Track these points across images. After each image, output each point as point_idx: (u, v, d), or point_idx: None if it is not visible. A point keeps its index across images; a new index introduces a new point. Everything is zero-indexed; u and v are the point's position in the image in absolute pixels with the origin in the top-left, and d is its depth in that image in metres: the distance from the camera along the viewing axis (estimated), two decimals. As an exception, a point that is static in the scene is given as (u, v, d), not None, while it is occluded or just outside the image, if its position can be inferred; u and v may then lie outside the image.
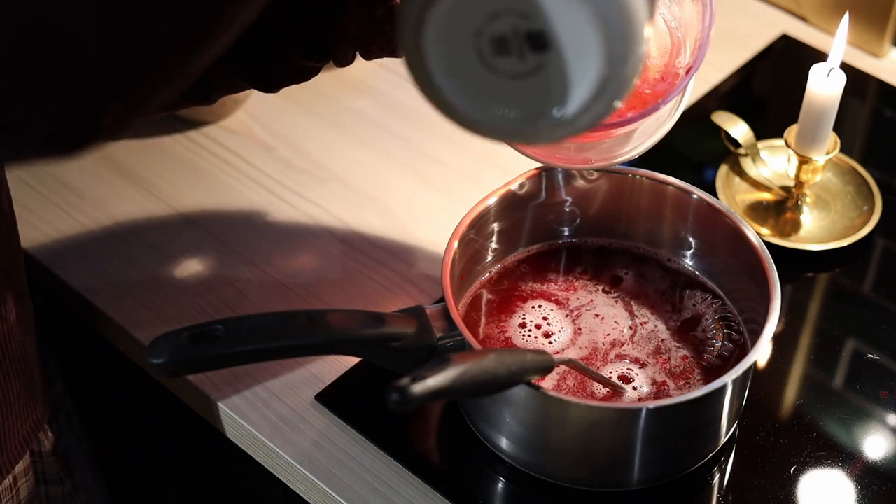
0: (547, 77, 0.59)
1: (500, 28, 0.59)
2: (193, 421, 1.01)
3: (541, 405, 0.85)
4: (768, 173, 1.11)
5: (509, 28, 0.58)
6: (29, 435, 0.92)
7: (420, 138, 1.18)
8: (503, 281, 0.96)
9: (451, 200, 1.11)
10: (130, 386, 1.15)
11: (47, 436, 0.98)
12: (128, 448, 1.27)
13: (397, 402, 0.75)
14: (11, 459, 0.90)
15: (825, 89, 1.03)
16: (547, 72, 0.59)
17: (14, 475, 0.92)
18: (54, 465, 0.99)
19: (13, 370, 0.89)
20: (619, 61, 0.58)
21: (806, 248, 1.07)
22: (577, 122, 0.60)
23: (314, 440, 0.93)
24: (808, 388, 0.97)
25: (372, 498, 0.89)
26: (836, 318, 1.03)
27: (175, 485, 1.24)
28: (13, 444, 0.90)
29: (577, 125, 0.61)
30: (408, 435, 0.93)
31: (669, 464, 0.89)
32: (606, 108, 0.60)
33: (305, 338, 0.82)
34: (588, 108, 0.60)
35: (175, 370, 0.83)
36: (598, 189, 0.98)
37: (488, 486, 0.90)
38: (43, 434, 0.97)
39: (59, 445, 1.00)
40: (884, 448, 0.93)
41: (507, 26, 0.58)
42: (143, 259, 1.06)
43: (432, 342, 0.85)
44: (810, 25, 1.32)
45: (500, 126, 0.62)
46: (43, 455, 0.98)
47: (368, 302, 1.02)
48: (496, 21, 0.58)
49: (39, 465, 0.97)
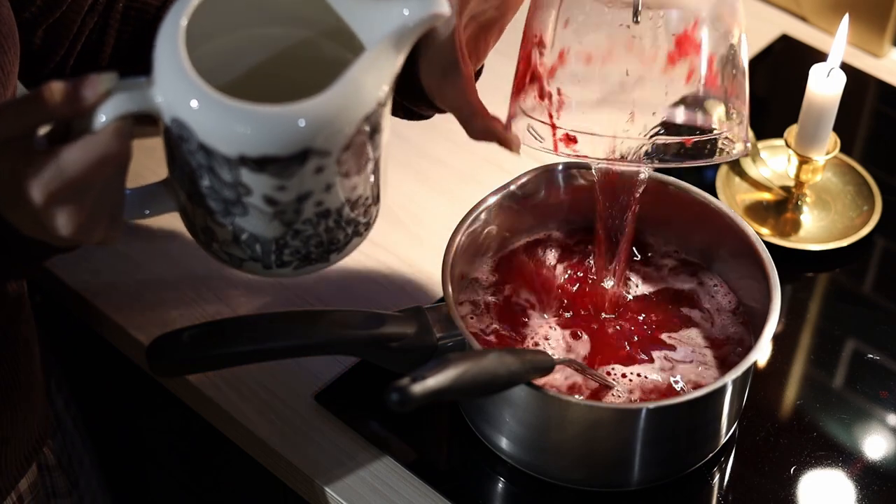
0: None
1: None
2: (193, 421, 1.01)
3: (541, 405, 0.85)
4: (768, 173, 1.11)
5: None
6: (31, 453, 0.92)
7: (420, 138, 1.18)
8: (503, 280, 0.96)
9: (451, 200, 1.11)
10: (130, 386, 1.15)
11: (52, 449, 0.98)
12: (128, 448, 1.27)
13: (397, 402, 0.75)
14: (12, 480, 0.90)
15: (825, 89, 1.03)
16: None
17: (19, 493, 0.92)
18: (61, 478, 0.99)
19: (21, 398, 0.89)
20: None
21: (806, 248, 1.07)
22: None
23: (314, 440, 0.93)
24: (808, 388, 0.97)
25: (372, 498, 0.89)
26: (836, 318, 1.03)
27: (175, 485, 1.24)
28: (14, 465, 0.90)
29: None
30: (408, 435, 0.93)
31: (669, 464, 0.89)
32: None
33: (305, 338, 0.82)
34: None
35: (175, 370, 0.84)
36: (598, 189, 0.98)
37: (488, 486, 0.90)
38: (48, 449, 0.97)
39: (63, 457, 1.00)
40: (884, 448, 0.93)
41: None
42: (143, 259, 1.06)
43: (432, 342, 0.85)
44: (810, 25, 1.32)
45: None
46: (50, 468, 0.98)
47: (368, 302, 1.02)
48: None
49: (48, 479, 0.97)
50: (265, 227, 0.68)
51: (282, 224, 0.68)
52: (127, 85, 0.65)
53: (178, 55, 0.64)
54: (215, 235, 0.70)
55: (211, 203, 0.68)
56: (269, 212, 0.67)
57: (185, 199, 0.69)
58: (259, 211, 0.67)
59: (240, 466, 1.01)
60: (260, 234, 0.68)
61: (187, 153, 0.66)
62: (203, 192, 0.67)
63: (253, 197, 0.66)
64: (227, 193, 0.66)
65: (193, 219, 0.71)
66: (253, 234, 0.69)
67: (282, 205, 0.67)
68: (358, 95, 0.65)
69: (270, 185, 0.66)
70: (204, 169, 0.66)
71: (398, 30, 0.67)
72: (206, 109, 0.63)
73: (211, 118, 0.64)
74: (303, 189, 0.66)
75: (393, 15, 0.67)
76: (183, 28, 0.65)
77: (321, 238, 0.70)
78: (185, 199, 0.70)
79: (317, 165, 0.65)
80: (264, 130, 0.64)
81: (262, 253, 0.70)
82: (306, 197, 0.67)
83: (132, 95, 0.64)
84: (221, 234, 0.69)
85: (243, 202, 0.66)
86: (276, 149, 0.64)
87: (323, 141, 0.65)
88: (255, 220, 0.68)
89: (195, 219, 0.70)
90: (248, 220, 0.68)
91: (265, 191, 0.66)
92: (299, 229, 0.69)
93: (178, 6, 0.66)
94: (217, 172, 0.65)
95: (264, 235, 0.69)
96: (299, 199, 0.67)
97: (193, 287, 1.04)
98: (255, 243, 0.69)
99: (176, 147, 0.66)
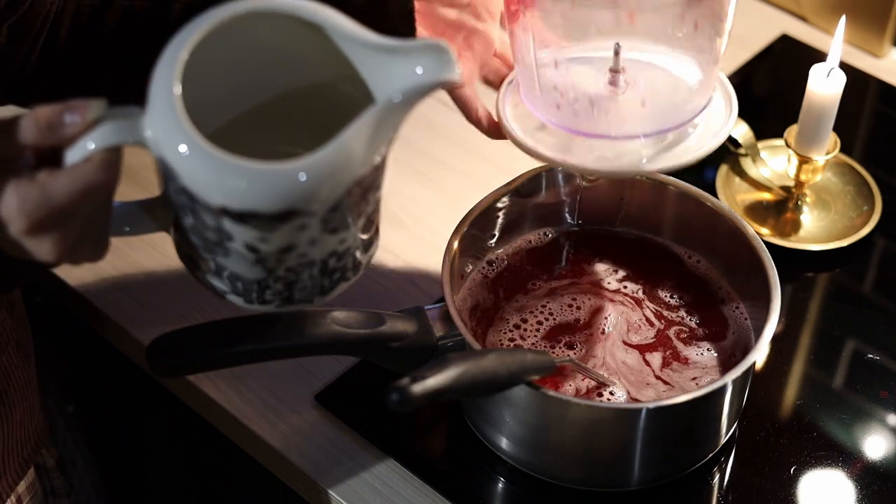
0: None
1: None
2: (193, 421, 1.01)
3: (541, 405, 0.85)
4: (768, 173, 1.11)
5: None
6: (30, 456, 0.92)
7: (420, 138, 1.18)
8: (503, 280, 0.96)
9: (451, 200, 1.11)
10: (130, 386, 1.15)
11: (49, 451, 0.98)
12: (128, 448, 1.27)
13: (397, 402, 0.75)
14: (11, 483, 0.90)
15: (825, 89, 1.03)
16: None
17: (18, 494, 0.92)
18: (60, 479, 0.99)
19: (17, 398, 0.89)
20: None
21: (806, 248, 1.07)
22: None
23: (314, 440, 0.93)
24: (808, 388, 0.97)
25: (372, 498, 0.89)
26: (836, 318, 1.03)
27: (175, 484, 1.24)
28: (13, 468, 0.90)
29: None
30: (408, 435, 0.93)
31: (669, 464, 0.89)
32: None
33: (305, 338, 0.82)
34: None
35: (175, 370, 0.84)
36: (598, 189, 0.98)
37: (488, 486, 0.90)
38: (45, 450, 0.97)
39: (62, 458, 1.00)
40: (884, 448, 0.93)
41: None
42: (143, 259, 1.06)
43: (432, 342, 0.85)
44: (810, 25, 1.32)
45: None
46: (48, 470, 0.98)
47: (368, 302, 1.02)
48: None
49: (46, 480, 0.97)
50: (247, 269, 0.67)
51: (263, 269, 0.67)
52: (117, 114, 0.63)
53: (172, 94, 0.62)
54: (198, 266, 0.69)
55: (194, 238, 0.67)
56: (250, 258, 0.66)
57: (172, 225, 0.69)
58: (240, 256, 0.66)
59: (240, 466, 1.01)
60: (241, 274, 0.68)
61: (173, 191, 0.65)
62: (187, 227, 0.66)
63: (234, 243, 0.65)
64: (209, 235, 0.65)
65: (179, 245, 0.70)
66: (235, 273, 0.68)
67: (263, 254, 0.66)
68: (351, 159, 0.63)
69: (252, 237, 0.64)
70: (188, 209, 0.65)
71: (409, 88, 0.64)
72: (192, 157, 0.62)
73: (196, 167, 0.62)
74: (285, 243, 0.65)
75: (406, 72, 0.64)
76: (182, 63, 0.63)
77: (304, 284, 0.69)
78: (171, 226, 0.69)
79: (300, 224, 0.64)
80: (249, 186, 0.62)
81: (244, 291, 0.69)
82: (289, 249, 0.66)
83: (122, 126, 0.63)
84: (204, 266, 0.69)
85: (225, 246, 0.66)
86: (258, 205, 0.62)
87: (308, 202, 0.63)
88: (236, 263, 0.67)
89: (181, 246, 0.70)
90: (230, 261, 0.67)
91: (247, 240, 0.65)
92: (281, 276, 0.68)
93: (182, 37, 0.64)
94: (200, 216, 0.65)
95: (246, 276, 0.68)
96: (281, 251, 0.66)
97: (193, 287, 1.03)
98: (237, 281, 0.68)
99: (163, 180, 0.65)
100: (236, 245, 0.65)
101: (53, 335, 1.18)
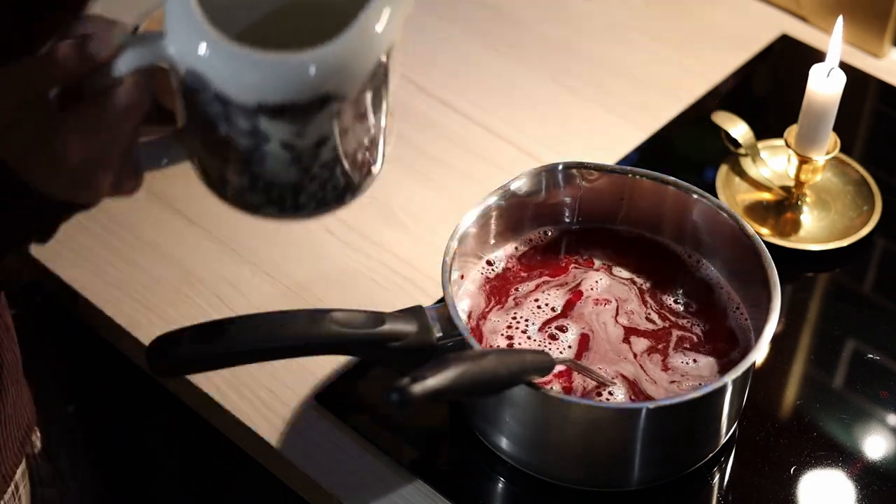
0: None
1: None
2: (193, 421, 1.01)
3: (541, 405, 0.85)
4: (768, 173, 1.11)
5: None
6: (24, 439, 0.92)
7: (420, 138, 1.18)
8: (503, 280, 0.96)
9: (451, 200, 1.11)
10: (130, 386, 1.15)
11: (38, 436, 0.98)
12: (128, 448, 1.27)
13: (397, 402, 0.75)
14: (11, 469, 0.90)
15: (825, 89, 1.03)
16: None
17: (15, 482, 0.92)
18: (46, 466, 0.99)
19: (10, 380, 0.89)
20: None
21: (806, 248, 1.07)
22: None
23: (314, 440, 0.93)
24: (808, 388, 0.97)
25: (372, 498, 0.89)
26: (836, 318, 1.03)
27: (175, 485, 1.24)
28: (12, 451, 0.90)
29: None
30: (408, 435, 0.93)
31: (669, 464, 0.89)
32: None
33: (305, 338, 0.82)
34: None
35: (175, 370, 0.84)
36: (597, 189, 0.98)
37: (488, 486, 0.90)
38: (34, 435, 0.97)
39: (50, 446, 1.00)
40: (884, 448, 0.93)
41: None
42: (143, 259, 1.06)
43: (432, 342, 0.85)
44: (810, 25, 1.32)
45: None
46: (37, 456, 0.98)
47: (368, 302, 1.02)
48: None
49: (35, 467, 0.97)
50: (283, 173, 0.68)
51: (299, 169, 0.68)
52: (138, 39, 0.65)
53: (189, 5, 0.64)
54: (231, 183, 0.70)
55: (227, 152, 0.68)
56: (286, 158, 0.67)
57: (200, 148, 0.69)
58: (276, 157, 0.67)
59: (240, 467, 1.01)
60: (277, 179, 0.68)
61: (203, 103, 0.65)
62: (219, 141, 0.67)
63: (270, 144, 0.66)
64: (244, 142, 0.66)
65: (209, 168, 0.70)
66: (270, 181, 0.68)
67: (299, 150, 0.67)
68: (374, 38, 0.65)
69: (288, 132, 0.65)
70: (220, 118, 0.66)
71: None
72: (222, 59, 0.64)
73: (228, 68, 0.64)
74: (320, 134, 0.66)
75: None
76: None
77: (337, 181, 0.70)
78: (200, 149, 0.70)
79: (334, 110, 0.65)
80: (283, 78, 0.64)
81: (279, 198, 0.70)
82: (324, 142, 0.67)
83: (145, 48, 0.64)
84: (238, 181, 0.69)
85: (261, 149, 0.66)
86: (294, 96, 0.64)
87: (341, 85, 0.65)
88: (272, 167, 0.67)
89: (210, 168, 0.70)
90: (266, 166, 0.67)
91: (283, 137, 0.66)
92: (316, 174, 0.69)
93: None
94: (234, 121, 0.65)
95: (281, 181, 0.68)
96: (317, 144, 0.67)
97: (193, 287, 1.04)
98: (273, 189, 0.69)
99: (190, 98, 0.66)
100: (272, 146, 0.66)
101: (53, 335, 1.18)
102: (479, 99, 1.22)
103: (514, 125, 1.19)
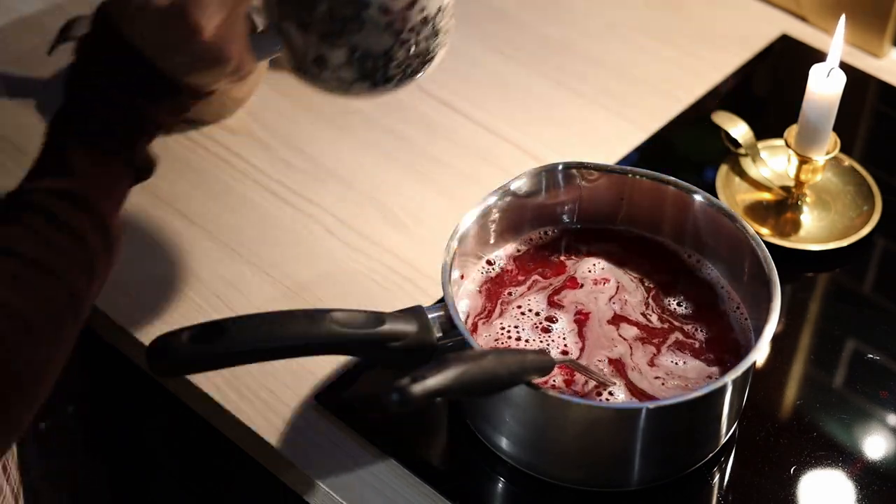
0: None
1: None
2: (193, 421, 1.01)
3: (541, 405, 0.85)
4: (768, 173, 1.11)
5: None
6: None
7: (420, 139, 1.18)
8: (503, 280, 0.96)
9: (451, 200, 1.11)
10: (130, 386, 1.15)
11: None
12: (128, 448, 1.27)
13: (397, 402, 0.75)
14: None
15: (825, 89, 1.03)
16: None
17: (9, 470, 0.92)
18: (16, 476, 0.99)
19: None
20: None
21: (806, 248, 1.07)
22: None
23: (314, 440, 0.93)
24: (808, 388, 0.97)
25: (372, 498, 0.89)
26: (836, 318, 1.03)
27: (175, 484, 1.24)
28: None
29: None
30: (408, 435, 0.93)
31: (669, 464, 0.89)
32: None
33: (305, 338, 0.82)
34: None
35: (175, 370, 0.84)
36: (597, 188, 0.98)
37: (488, 486, 0.90)
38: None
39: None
40: (884, 448, 0.93)
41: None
42: (143, 259, 1.06)
43: (432, 342, 0.85)
44: (810, 25, 1.32)
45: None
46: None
47: (368, 302, 1.02)
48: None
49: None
50: (377, 40, 0.77)
51: (391, 35, 0.77)
52: None
53: None
54: (328, 62, 0.79)
55: (328, 27, 0.77)
56: (382, 22, 0.76)
57: (297, 32, 0.78)
58: (374, 23, 0.76)
59: (240, 466, 1.01)
60: (372, 48, 0.78)
61: None
62: (320, 17, 0.76)
63: (370, 9, 0.76)
64: (345, 11, 0.76)
65: (305, 50, 0.79)
66: (365, 51, 0.78)
67: (393, 14, 0.76)
68: None
69: None
70: None
71: None
72: None
73: None
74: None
75: None
76: None
77: (420, 48, 0.79)
78: (297, 33, 0.78)
79: None
80: None
81: (372, 69, 0.79)
82: (413, 3, 0.77)
83: None
84: (335, 58, 0.78)
85: (360, 16, 0.76)
86: None
87: None
88: (368, 35, 0.77)
89: (307, 50, 0.79)
90: (362, 35, 0.77)
91: (381, 1, 0.76)
92: (405, 38, 0.78)
93: None
94: None
95: (376, 50, 0.78)
96: (408, 6, 0.77)
97: (193, 287, 1.04)
98: (367, 60, 0.78)
99: None
100: (371, 11, 0.76)
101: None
102: (479, 99, 1.22)
103: (515, 125, 1.19)
